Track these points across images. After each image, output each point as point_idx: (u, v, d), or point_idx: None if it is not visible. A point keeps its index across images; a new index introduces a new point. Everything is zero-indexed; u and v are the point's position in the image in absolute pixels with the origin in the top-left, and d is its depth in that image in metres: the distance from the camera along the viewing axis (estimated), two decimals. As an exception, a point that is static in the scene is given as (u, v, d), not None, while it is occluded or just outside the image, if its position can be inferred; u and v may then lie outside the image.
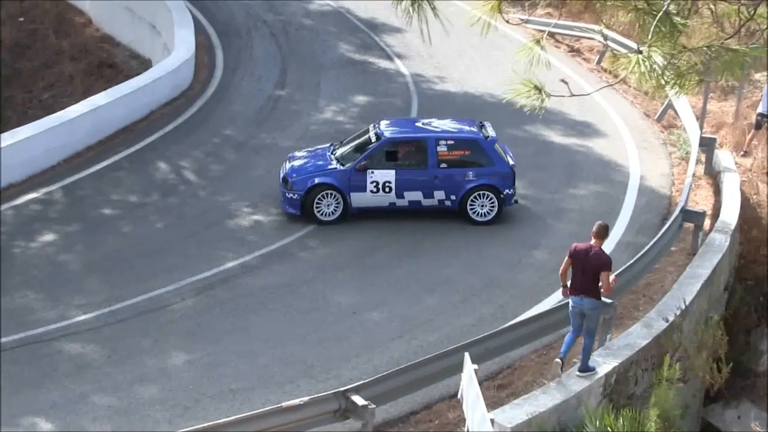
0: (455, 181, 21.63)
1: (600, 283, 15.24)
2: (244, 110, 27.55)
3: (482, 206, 21.71)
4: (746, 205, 23.09)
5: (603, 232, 15.57)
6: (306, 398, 13.97)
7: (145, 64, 31.24)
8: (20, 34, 34.20)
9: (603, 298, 15.68)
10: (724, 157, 24.45)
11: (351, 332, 17.77)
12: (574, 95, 11.50)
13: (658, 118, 27.97)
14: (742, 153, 25.77)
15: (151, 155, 24.80)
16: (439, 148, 21.66)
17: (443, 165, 21.65)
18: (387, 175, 21.57)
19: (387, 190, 21.58)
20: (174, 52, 29.09)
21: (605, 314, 16.53)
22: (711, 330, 18.51)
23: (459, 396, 14.56)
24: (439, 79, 30.34)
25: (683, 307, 17.47)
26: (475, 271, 19.94)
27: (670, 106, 27.42)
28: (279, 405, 13.86)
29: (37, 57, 32.92)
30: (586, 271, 15.27)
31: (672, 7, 10.52)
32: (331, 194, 21.53)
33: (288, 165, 22.28)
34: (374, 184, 21.55)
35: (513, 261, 20.41)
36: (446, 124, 22.68)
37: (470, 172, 21.65)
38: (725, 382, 18.65)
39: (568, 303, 15.84)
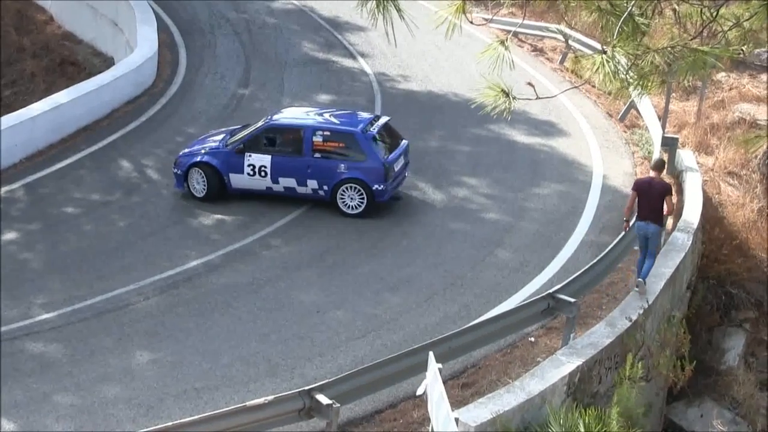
0: (327, 172, 21.96)
1: (665, 208, 17.83)
2: (208, 108, 27.48)
3: (351, 199, 22.02)
4: (708, 204, 23.27)
5: (661, 165, 18.62)
6: (270, 397, 13.92)
7: (107, 62, 31.13)
8: (-20, 31, 33.96)
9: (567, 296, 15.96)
10: (686, 156, 24.60)
11: (315, 331, 17.74)
12: (540, 98, 11.51)
13: (620, 117, 28.12)
14: None
15: (113, 153, 24.70)
16: (314, 138, 22.02)
17: (317, 155, 22.00)
18: (263, 160, 22.13)
19: (263, 174, 22.15)
20: (137, 50, 28.98)
21: (572, 312, 16.69)
22: (674, 328, 18.62)
23: (420, 392, 14.52)
24: (402, 78, 30.38)
25: (646, 306, 17.55)
26: (438, 270, 19.95)
27: (632, 105, 27.57)
28: (243, 404, 13.81)
29: (-2, 54, 32.70)
30: (653, 197, 17.77)
31: (634, 9, 10.56)
32: (199, 171, 22.37)
33: (188, 145, 23.38)
34: (251, 167, 22.17)
35: (476, 260, 20.42)
36: (334, 116, 22.97)
37: (342, 165, 21.93)
38: (688, 380, 18.77)
39: (529, 302, 16.87)
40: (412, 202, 22.75)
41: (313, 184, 21.99)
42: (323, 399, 13.88)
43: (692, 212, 21.49)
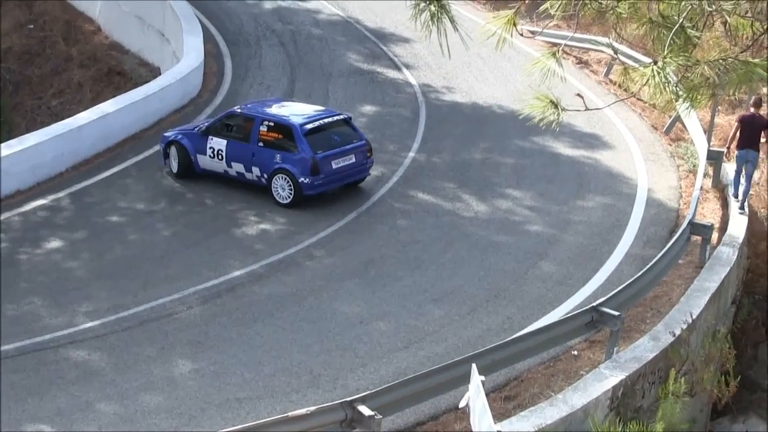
0: (267, 161, 22.90)
1: (763, 138, 21.77)
2: (252, 119, 27.52)
3: (283, 189, 22.70)
4: (754, 218, 23.04)
5: (760, 102, 22.23)
6: (312, 408, 13.92)
7: (153, 72, 31.34)
8: (30, 41, 34.33)
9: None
10: (731, 170, 24.37)
11: (357, 342, 17.72)
12: (588, 109, 11.43)
13: (665, 130, 27.94)
14: None
15: (158, 163, 24.81)
16: (261, 128, 23.06)
17: (261, 144, 22.98)
18: (221, 144, 23.45)
19: (220, 157, 23.45)
20: (183, 60, 29.14)
21: (616, 326, 16.58)
22: (718, 343, 18.46)
23: (463, 405, 14.48)
24: (447, 90, 30.35)
25: (690, 320, 17.42)
26: (482, 283, 19.88)
27: (677, 118, 27.39)
28: (285, 414, 13.82)
29: (47, 64, 33.03)
30: (753, 130, 21.74)
31: (685, 21, 10.45)
32: (174, 150, 23.94)
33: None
34: (212, 149, 23.54)
35: (520, 272, 20.34)
36: (304, 110, 23.86)
37: (278, 155, 22.73)
38: (732, 395, 18.61)
39: (572, 315, 16.76)
40: (455, 214, 22.69)
41: (256, 171, 23.04)
42: (365, 410, 13.85)
43: (737, 226, 21.32)
